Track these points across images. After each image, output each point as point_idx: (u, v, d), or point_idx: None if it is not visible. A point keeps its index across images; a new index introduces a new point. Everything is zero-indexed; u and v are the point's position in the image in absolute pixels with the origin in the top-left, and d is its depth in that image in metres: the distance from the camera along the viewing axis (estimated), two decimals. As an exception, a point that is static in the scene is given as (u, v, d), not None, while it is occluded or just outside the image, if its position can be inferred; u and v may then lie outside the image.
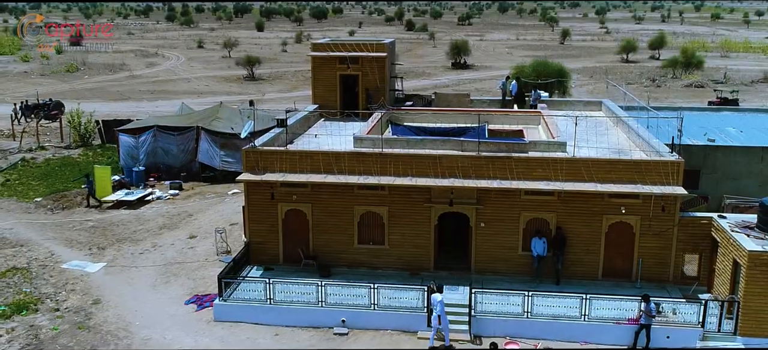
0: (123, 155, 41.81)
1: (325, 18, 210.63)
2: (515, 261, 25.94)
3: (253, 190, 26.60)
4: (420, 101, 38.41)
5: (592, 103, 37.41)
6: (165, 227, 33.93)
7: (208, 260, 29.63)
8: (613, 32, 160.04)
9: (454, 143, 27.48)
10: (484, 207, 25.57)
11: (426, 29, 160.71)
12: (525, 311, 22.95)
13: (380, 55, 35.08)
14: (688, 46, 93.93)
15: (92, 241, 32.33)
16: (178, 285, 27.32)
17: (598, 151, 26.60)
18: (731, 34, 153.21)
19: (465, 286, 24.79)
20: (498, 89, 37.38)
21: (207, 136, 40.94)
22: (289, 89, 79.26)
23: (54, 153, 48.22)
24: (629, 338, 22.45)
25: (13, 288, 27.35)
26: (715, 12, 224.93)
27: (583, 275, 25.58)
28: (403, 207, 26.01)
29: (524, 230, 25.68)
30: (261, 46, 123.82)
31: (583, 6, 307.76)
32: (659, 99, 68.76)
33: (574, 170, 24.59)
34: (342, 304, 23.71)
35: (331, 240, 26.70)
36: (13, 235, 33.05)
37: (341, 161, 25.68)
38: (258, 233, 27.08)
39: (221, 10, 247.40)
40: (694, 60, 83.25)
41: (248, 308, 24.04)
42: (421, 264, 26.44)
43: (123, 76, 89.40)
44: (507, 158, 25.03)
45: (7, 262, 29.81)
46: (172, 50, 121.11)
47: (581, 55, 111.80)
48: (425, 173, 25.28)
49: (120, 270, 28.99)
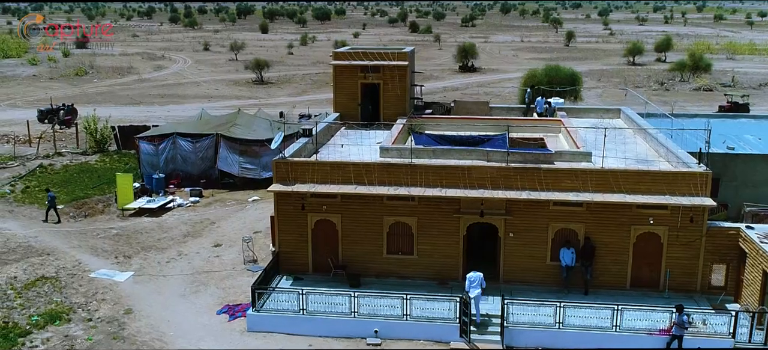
0: (143, 162, 42.04)
1: (328, 19, 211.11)
2: (543, 271, 26.19)
3: (283, 200, 26.85)
4: (439, 108, 38.71)
5: (611, 110, 37.67)
6: (189, 235, 34.17)
7: (235, 269, 29.87)
8: (617, 34, 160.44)
9: (481, 153, 27.82)
10: (513, 218, 25.80)
11: (430, 31, 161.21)
12: (557, 322, 23.18)
13: (401, 64, 35.35)
14: (695, 50, 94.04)
15: (118, 249, 32.56)
16: (208, 295, 27.56)
17: (621, 161, 26.85)
18: (735, 36, 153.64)
19: (494, 296, 25.11)
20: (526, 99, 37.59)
21: (226, 143, 41.20)
22: (298, 93, 79.56)
23: (71, 159, 48.45)
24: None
25: (44, 297, 27.57)
26: (718, 13, 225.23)
27: (611, 285, 25.83)
28: (433, 218, 26.25)
29: (553, 241, 25.92)
30: (266, 49, 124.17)
31: (585, 7, 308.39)
32: (669, 103, 69.04)
33: (603, 181, 24.84)
34: (375, 314, 23.95)
35: (360, 250, 26.94)
36: (38, 243, 33.28)
37: (371, 171, 25.93)
38: (287, 243, 27.32)
39: (224, 11, 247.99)
40: (702, 63, 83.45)
41: (281, 318, 24.27)
42: (450, 274, 26.67)
43: (132, 80, 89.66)
44: (536, 169, 25.28)
45: (35, 271, 30.03)
46: (178, 53, 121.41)
47: (587, 58, 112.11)
48: (455, 184, 25.53)
49: (148, 279, 29.22)
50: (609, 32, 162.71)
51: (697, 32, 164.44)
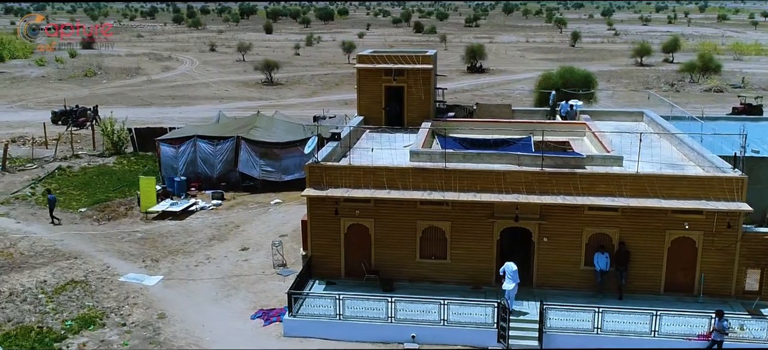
0: (163, 164, 42.02)
1: (331, 20, 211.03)
2: (577, 276, 26.20)
3: (316, 204, 26.82)
4: (461, 111, 38.65)
5: (634, 113, 37.65)
6: (215, 238, 34.16)
7: (265, 273, 29.87)
8: (621, 34, 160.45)
9: (511, 157, 27.82)
10: (547, 222, 25.80)
11: (435, 31, 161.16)
12: (595, 326, 23.19)
13: (426, 67, 35.32)
14: (705, 51, 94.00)
15: (145, 253, 32.56)
16: (240, 299, 27.55)
17: (651, 165, 26.84)
18: (740, 36, 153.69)
19: (527, 301, 25.16)
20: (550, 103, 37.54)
21: (247, 145, 41.17)
22: (309, 94, 79.55)
23: (89, 161, 48.43)
24: (699, 354, 22.73)
25: (76, 301, 27.57)
26: (721, 13, 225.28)
27: (645, 289, 25.83)
28: (466, 222, 26.25)
29: (586, 245, 25.92)
30: (273, 49, 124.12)
31: (587, 6, 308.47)
32: (681, 104, 69.01)
33: (638, 186, 24.85)
34: (411, 320, 23.96)
35: (393, 255, 26.94)
36: (64, 246, 33.28)
37: (405, 176, 25.93)
38: (320, 248, 27.30)
39: (227, 11, 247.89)
40: (712, 64, 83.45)
41: (318, 323, 24.27)
42: (483, 279, 26.66)
43: (141, 81, 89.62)
44: (570, 174, 25.29)
45: (64, 275, 30.03)
46: (184, 54, 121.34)
47: (594, 59, 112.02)
48: (489, 189, 25.52)
49: (178, 283, 29.22)
50: (614, 32, 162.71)
51: (701, 32, 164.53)
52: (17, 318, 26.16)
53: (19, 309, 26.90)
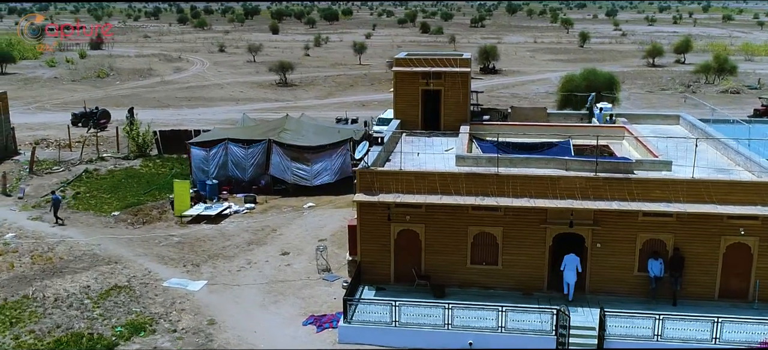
0: (194, 167, 41.83)
1: (337, 20, 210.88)
2: (630, 282, 26.05)
3: (367, 210, 26.66)
4: (496, 114, 38.50)
5: (670, 116, 37.54)
6: (253, 242, 33.97)
7: (310, 278, 29.69)
8: (628, 34, 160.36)
9: (559, 162, 27.70)
10: (601, 228, 25.65)
11: (442, 32, 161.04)
12: (655, 333, 23.03)
13: (464, 70, 35.23)
14: (719, 52, 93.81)
15: (184, 257, 32.37)
16: (288, 305, 27.37)
17: (698, 170, 26.65)
18: (747, 37, 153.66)
19: (582, 307, 25.04)
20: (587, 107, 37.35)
21: (278, 149, 40.97)
22: (324, 95, 79.36)
23: (115, 164, 48.20)
24: (761, 361, 22.58)
25: (123, 307, 27.39)
26: (727, 13, 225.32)
27: (699, 296, 25.68)
28: (519, 228, 26.10)
29: (640, 251, 25.77)
30: (282, 50, 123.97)
31: (589, 6, 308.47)
32: (699, 106, 68.92)
33: (694, 192, 24.70)
34: (468, 326, 23.79)
35: (443, 260, 26.78)
36: (102, 251, 33.09)
37: (458, 181, 25.78)
38: (369, 253, 27.14)
39: (230, 11, 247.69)
40: (727, 65, 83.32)
41: (373, 330, 24.11)
42: (535, 285, 26.52)
43: (154, 82, 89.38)
44: (625, 180, 25.14)
45: (106, 280, 29.85)
46: (193, 54, 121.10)
47: (605, 60, 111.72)
48: (543, 194, 25.37)
49: (223, 289, 29.04)
50: (621, 33, 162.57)
51: (708, 33, 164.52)
52: (66, 324, 25.97)
53: (66, 315, 26.72)
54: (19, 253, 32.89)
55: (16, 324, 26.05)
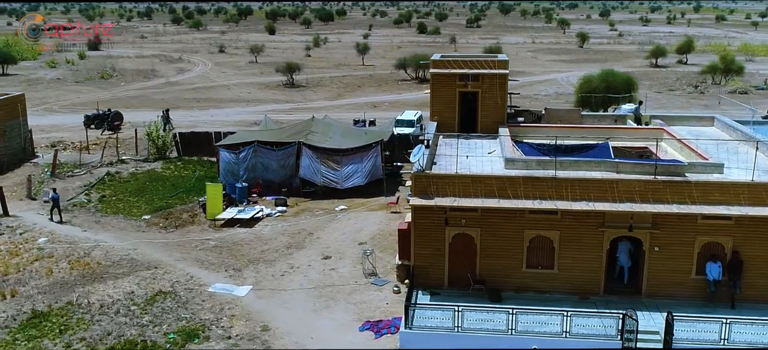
0: (223, 170, 41.40)
1: (331, 20, 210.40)
2: (688, 285, 25.93)
3: (422, 213, 26.38)
4: (530, 116, 38.39)
5: (704, 118, 37.54)
6: (291, 246, 33.61)
7: (357, 282, 29.37)
8: (625, 35, 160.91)
9: (610, 164, 27.57)
10: (659, 231, 25.51)
11: (439, 32, 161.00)
12: (722, 338, 22.89)
13: (502, 72, 35.05)
14: (726, 53, 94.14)
15: (224, 262, 31.98)
16: (340, 310, 27.06)
17: (746, 172, 26.60)
18: (743, 37, 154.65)
19: (641, 310, 24.88)
20: (631, 114, 37.20)
21: (308, 151, 40.61)
22: (334, 96, 78.97)
23: (136, 167, 47.64)
24: (830, 364, 22.50)
25: (171, 313, 26.98)
26: (719, 13, 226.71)
27: (758, 299, 25.60)
28: (576, 231, 25.91)
29: (698, 254, 25.65)
30: (282, 50, 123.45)
31: (581, 7, 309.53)
32: (710, 107, 69.17)
33: (755, 195, 24.62)
34: (532, 331, 23.55)
35: (498, 264, 26.56)
36: (140, 256, 32.64)
37: (515, 185, 25.56)
38: (423, 258, 26.87)
39: (223, 12, 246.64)
40: (734, 66, 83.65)
41: (435, 336, 23.81)
42: (591, 289, 26.36)
43: (159, 83, 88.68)
44: (685, 183, 25.02)
45: (150, 285, 29.42)
46: (194, 55, 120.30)
47: (606, 60, 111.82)
48: (601, 197, 25.20)
49: (270, 294, 28.68)
50: (618, 33, 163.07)
51: (704, 33, 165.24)
52: (117, 332, 25.54)
53: (115, 322, 26.28)
54: (56, 258, 32.39)
55: (65, 332, 25.61)
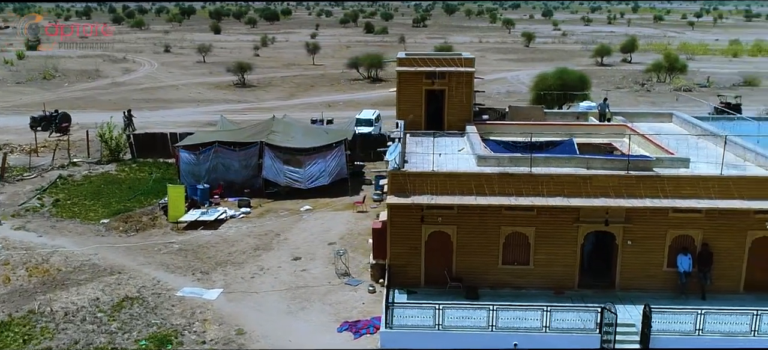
0: (183, 171, 40.43)
1: (277, 20, 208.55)
2: (660, 278, 26.39)
3: (398, 212, 26.19)
4: (494, 114, 38.53)
5: (663, 114, 38.36)
6: (259, 248, 33.00)
7: (331, 283, 28.99)
8: (568, 34, 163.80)
9: (580, 160, 27.91)
10: (633, 225, 25.88)
11: (386, 32, 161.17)
12: (697, 328, 23.33)
13: (468, 70, 35.16)
14: (669, 51, 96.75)
15: (191, 265, 31.20)
16: (317, 311, 26.67)
17: (708, 166, 27.33)
18: (681, 36, 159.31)
19: (615, 304, 25.14)
20: (595, 110, 37.60)
21: (270, 151, 39.98)
22: (287, 96, 78.22)
23: (90, 170, 46.17)
24: (798, 351, 23.17)
25: (140, 319, 26.17)
26: (657, 13, 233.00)
27: (725, 289, 26.22)
28: (551, 227, 26.08)
29: (670, 247, 26.12)
30: (230, 50, 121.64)
31: (523, 7, 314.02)
32: (657, 104, 70.93)
33: (724, 188, 25.21)
34: (513, 328, 23.58)
35: (474, 261, 26.55)
36: (102, 261, 31.60)
37: (492, 182, 25.61)
38: (399, 256, 26.69)
39: (165, 11, 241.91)
40: (678, 64, 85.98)
41: (416, 334, 23.64)
42: (566, 283, 26.59)
43: (105, 84, 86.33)
44: (657, 177, 25.46)
45: (115, 291, 28.48)
46: (139, 55, 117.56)
47: (553, 59, 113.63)
48: (576, 193, 25.45)
49: (241, 296, 28.08)
50: (561, 33, 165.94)
51: (643, 33, 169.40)
52: (84, 340, 24.67)
53: (82, 330, 25.36)
54: (12, 265, 31.09)
55: (29, 341, 24.61)
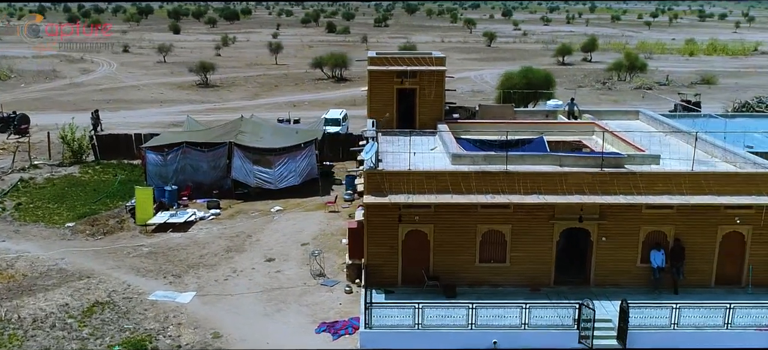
0: (150, 173, 39.71)
1: (237, 19, 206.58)
2: (634, 273, 26.74)
3: (375, 211, 26.06)
4: (464, 112, 38.67)
5: (630, 112, 38.92)
6: (231, 250, 32.57)
7: (307, 284, 28.73)
8: (529, 34, 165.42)
9: (553, 158, 28.14)
10: (607, 222, 26.16)
11: (348, 32, 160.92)
12: (672, 323, 23.67)
13: (440, 69, 35.23)
14: (628, 51, 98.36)
15: (162, 268, 30.64)
16: (294, 313, 26.40)
17: (678, 162, 27.87)
18: (638, 36, 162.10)
19: (594, 300, 25.41)
20: (564, 109, 37.89)
21: (239, 151, 39.49)
22: (251, 96, 77.43)
23: (52, 172, 45.09)
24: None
25: (112, 324, 25.60)
26: (614, 14, 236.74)
27: (697, 284, 26.68)
28: (527, 225, 26.24)
29: (643, 243, 26.48)
30: (191, 50, 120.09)
31: (483, 7, 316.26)
32: (619, 102, 72.01)
33: (695, 184, 25.63)
34: (492, 325, 23.63)
35: (451, 260, 26.56)
36: (70, 265, 30.85)
37: (468, 180, 25.64)
38: (376, 256, 26.57)
39: (122, 10, 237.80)
40: (638, 63, 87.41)
41: (396, 334, 23.54)
42: (541, 280, 26.77)
43: (63, 84, 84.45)
44: (631, 174, 25.77)
45: (84, 296, 27.81)
46: (97, 55, 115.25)
47: (515, 58, 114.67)
48: (552, 190, 25.62)
49: (216, 299, 27.66)
50: (522, 32, 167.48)
51: (601, 32, 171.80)
52: (55, 346, 24.05)
53: (52, 336, 24.71)
54: (-25, 271, 30.18)
55: (-3, 350, 23.86)
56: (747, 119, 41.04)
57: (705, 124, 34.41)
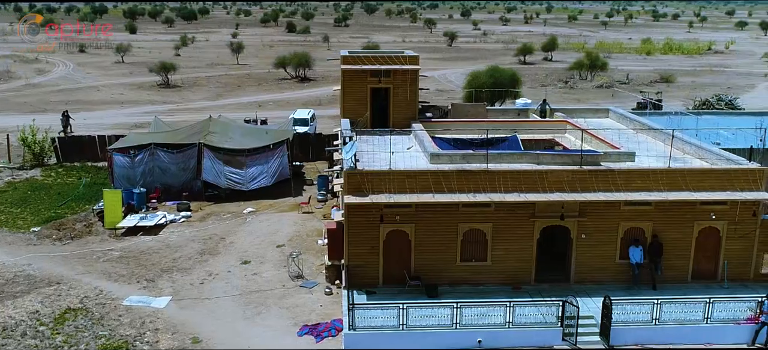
0: (117, 175, 38.76)
1: (195, 19, 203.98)
2: (613, 270, 26.96)
3: (356, 212, 25.78)
4: (437, 111, 38.62)
5: (600, 110, 39.33)
6: (205, 252, 31.95)
7: (285, 286, 28.30)
8: (489, 34, 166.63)
9: (531, 156, 28.21)
10: (586, 219, 26.31)
11: (309, 31, 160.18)
12: (653, 318, 23.90)
13: (414, 67, 35.14)
14: (587, 50, 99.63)
15: (134, 273, 29.90)
16: (274, 316, 25.96)
17: (652, 159, 28.21)
18: (596, 35, 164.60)
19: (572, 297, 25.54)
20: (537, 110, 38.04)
21: (209, 152, 38.81)
22: (214, 97, 76.38)
23: (12, 175, 43.76)
24: (748, 336, 24.03)
25: (87, 331, 24.86)
26: (571, 14, 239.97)
27: (674, 279, 27.02)
28: (508, 223, 26.25)
29: (622, 240, 26.71)
30: (149, 50, 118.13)
31: (441, 7, 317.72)
32: (582, 100, 72.83)
33: (672, 181, 25.94)
34: (477, 324, 23.57)
35: (433, 259, 26.44)
36: (38, 271, 29.91)
37: (449, 179, 25.54)
38: (357, 257, 26.29)
39: (75, 10, 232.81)
40: (599, 62, 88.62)
41: (380, 335, 23.32)
42: (523, 278, 26.81)
43: (19, 86, 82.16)
44: (610, 171, 25.96)
45: (55, 303, 26.97)
46: (52, 55, 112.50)
47: (476, 58, 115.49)
48: (532, 189, 25.67)
49: (193, 303, 27.09)
50: (482, 32, 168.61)
51: (559, 32, 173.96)
52: (28, 356, 23.22)
53: (24, 345, 23.88)
54: (-62, 279, 29.05)
55: (-34, 360, 22.97)
56: (712, 116, 41.81)
57: (678, 121, 34.88)
